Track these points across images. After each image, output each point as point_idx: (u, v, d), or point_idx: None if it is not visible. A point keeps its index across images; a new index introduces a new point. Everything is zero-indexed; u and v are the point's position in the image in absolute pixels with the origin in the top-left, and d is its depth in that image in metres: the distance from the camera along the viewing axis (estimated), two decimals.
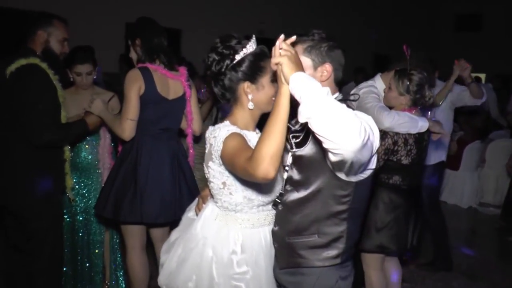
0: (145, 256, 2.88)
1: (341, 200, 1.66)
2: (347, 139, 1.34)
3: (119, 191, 2.63)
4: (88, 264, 3.21)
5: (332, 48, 1.70)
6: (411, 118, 2.62)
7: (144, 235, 2.87)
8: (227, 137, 1.66)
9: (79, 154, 3.12)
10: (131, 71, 2.65)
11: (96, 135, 3.15)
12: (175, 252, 1.91)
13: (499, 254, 4.61)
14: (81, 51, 3.10)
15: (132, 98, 2.58)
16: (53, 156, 2.66)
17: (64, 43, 2.68)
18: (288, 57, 1.43)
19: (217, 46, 1.77)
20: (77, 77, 3.05)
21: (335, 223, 1.68)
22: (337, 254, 1.70)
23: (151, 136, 2.70)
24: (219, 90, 1.81)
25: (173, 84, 2.77)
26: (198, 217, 1.94)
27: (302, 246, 1.72)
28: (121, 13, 7.35)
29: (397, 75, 2.74)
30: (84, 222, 3.18)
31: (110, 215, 2.68)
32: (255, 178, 1.46)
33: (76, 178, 3.13)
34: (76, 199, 3.14)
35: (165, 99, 2.71)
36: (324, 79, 1.68)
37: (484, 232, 5.28)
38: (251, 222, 1.84)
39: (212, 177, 1.80)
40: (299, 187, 1.72)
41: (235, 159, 1.57)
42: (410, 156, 2.64)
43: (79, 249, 3.18)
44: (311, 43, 1.69)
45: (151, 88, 2.63)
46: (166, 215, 2.68)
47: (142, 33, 2.71)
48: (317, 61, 1.69)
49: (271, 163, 1.41)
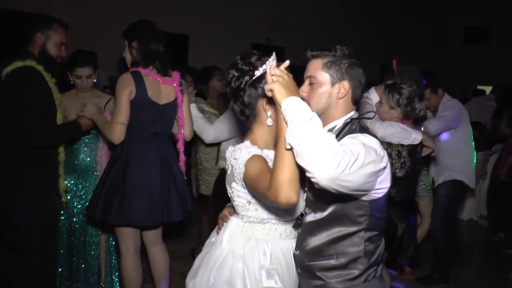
0: (139, 259, 2.89)
1: (357, 220, 1.65)
2: (318, 168, 1.34)
3: (109, 194, 2.66)
4: (84, 266, 3.23)
5: (353, 66, 1.67)
6: (404, 129, 2.65)
7: (137, 239, 2.88)
8: (248, 160, 1.65)
9: (77, 156, 3.16)
10: (123, 75, 2.68)
11: (94, 137, 3.19)
12: (202, 274, 1.85)
13: (496, 267, 4.58)
14: (82, 54, 3.14)
15: (123, 102, 2.62)
16: (46, 156, 2.69)
17: (62, 47, 2.71)
18: (280, 83, 1.45)
19: (237, 62, 1.76)
20: (77, 80, 3.10)
21: (352, 244, 1.66)
22: (358, 275, 1.66)
23: (141, 140, 2.72)
24: (238, 106, 1.80)
25: (165, 89, 2.78)
26: (221, 233, 1.90)
27: (321, 268, 1.70)
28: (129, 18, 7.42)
29: (387, 89, 2.79)
30: (81, 224, 3.21)
31: (99, 217, 2.71)
32: (278, 205, 1.48)
33: (74, 180, 3.17)
34: (74, 201, 3.17)
35: (156, 103, 2.73)
36: (340, 96, 1.68)
37: (482, 244, 5.26)
38: (278, 232, 1.82)
39: (237, 196, 1.79)
40: (316, 209, 1.72)
41: (257, 184, 1.57)
42: (404, 169, 2.65)
43: (75, 250, 3.21)
44: (331, 58, 1.67)
45: (142, 93, 2.66)
46: (153, 218, 2.71)
47: (141, 37, 2.72)
48: (335, 78, 1.67)
49: (290, 188, 1.43)
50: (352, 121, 1.69)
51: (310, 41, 4.10)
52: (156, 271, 2.98)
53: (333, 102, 1.68)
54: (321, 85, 1.68)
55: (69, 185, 3.14)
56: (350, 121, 1.69)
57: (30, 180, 2.60)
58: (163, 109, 2.77)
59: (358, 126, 1.68)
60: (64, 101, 3.02)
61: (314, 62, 1.71)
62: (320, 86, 1.68)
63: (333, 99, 1.68)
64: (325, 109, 1.69)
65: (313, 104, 1.67)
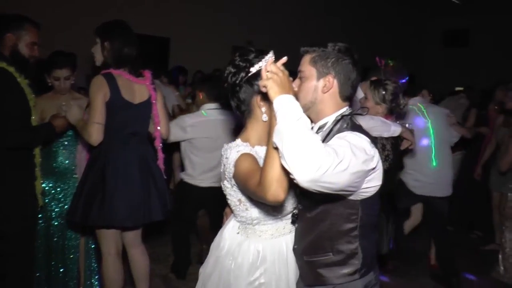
0: (120, 262, 2.87)
1: (349, 218, 1.66)
2: (298, 170, 1.35)
3: (89, 196, 2.64)
4: (63, 270, 3.20)
5: (341, 61, 1.67)
6: (383, 122, 2.70)
7: (119, 241, 2.87)
8: (237, 160, 1.67)
9: (55, 159, 3.13)
10: (95, 78, 2.65)
11: (73, 140, 3.17)
12: (206, 265, 1.95)
13: (474, 263, 4.68)
14: (60, 55, 3.12)
15: (98, 103, 2.60)
16: (22, 158, 2.67)
17: (34, 47, 2.69)
18: (274, 80, 1.46)
19: (234, 59, 1.78)
20: (55, 81, 3.07)
21: (347, 241, 1.68)
22: (355, 271, 1.68)
23: (119, 141, 2.71)
24: (234, 102, 1.81)
25: (138, 88, 2.78)
26: (221, 232, 1.97)
27: (319, 265, 1.71)
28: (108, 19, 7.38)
29: (372, 86, 2.84)
30: (59, 227, 3.17)
31: (79, 220, 2.69)
32: (266, 202, 1.50)
33: (52, 183, 3.14)
34: (52, 204, 3.14)
35: (130, 103, 2.72)
36: (325, 91, 1.68)
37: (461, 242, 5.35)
38: (270, 233, 1.86)
39: (229, 194, 1.83)
40: (309, 207, 1.73)
41: (246, 183, 1.59)
42: (388, 161, 2.71)
43: (54, 254, 3.17)
44: (319, 53, 1.69)
45: (116, 94, 2.65)
46: (134, 219, 2.71)
47: (114, 39, 2.69)
48: (321, 72, 1.68)
49: (279, 186, 1.44)
50: (344, 118, 1.69)
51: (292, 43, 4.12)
52: (136, 273, 2.97)
53: (319, 96, 1.70)
54: (308, 79, 1.71)
55: (47, 188, 3.11)
56: (341, 118, 1.69)
57: (7, 181, 2.57)
58: (138, 108, 2.77)
59: (349, 123, 1.69)
60: (42, 104, 3.00)
61: (304, 57, 1.73)
62: (307, 80, 1.71)
63: (318, 93, 1.69)
64: (311, 103, 1.71)
65: (300, 98, 1.70)
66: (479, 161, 5.22)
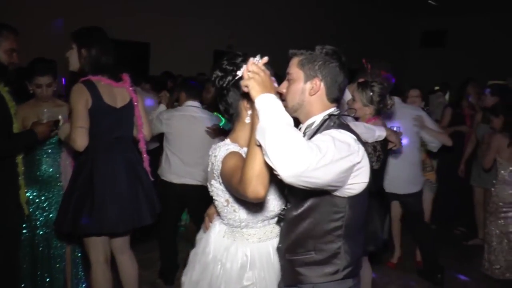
0: (109, 270, 2.84)
1: (334, 216, 1.66)
2: (282, 165, 1.37)
3: (77, 204, 2.61)
4: (49, 279, 3.16)
5: (328, 64, 1.70)
6: (367, 129, 2.73)
7: (107, 248, 2.84)
8: (225, 157, 1.69)
9: (39, 167, 3.09)
10: (76, 86, 2.61)
11: (57, 147, 3.13)
12: (190, 274, 1.93)
13: (459, 259, 4.75)
14: (42, 62, 3.08)
15: (79, 109, 2.56)
16: (5, 168, 2.63)
17: (13, 54, 2.66)
18: (255, 80, 1.48)
19: (222, 62, 1.80)
20: (37, 89, 3.03)
21: (330, 240, 1.67)
22: (336, 270, 1.68)
23: (105, 147, 2.69)
24: (222, 106, 1.83)
25: (119, 92, 2.77)
26: (206, 236, 1.95)
27: (300, 263, 1.71)
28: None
29: (360, 87, 2.88)
30: (44, 236, 3.13)
31: (70, 229, 2.65)
32: (247, 199, 1.51)
33: (36, 192, 3.10)
34: (37, 213, 3.10)
35: (113, 108, 2.71)
36: (312, 93, 1.71)
37: (445, 238, 5.43)
38: (257, 236, 1.86)
39: (216, 195, 1.83)
40: (296, 204, 1.73)
41: (231, 179, 1.60)
42: (379, 161, 2.77)
43: (39, 264, 3.13)
44: (307, 56, 1.71)
45: (98, 100, 2.62)
46: (125, 224, 2.69)
47: (92, 47, 2.66)
48: (308, 75, 1.71)
49: (258, 183, 1.46)
50: (331, 117, 1.71)
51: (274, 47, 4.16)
52: (125, 280, 2.94)
53: (306, 98, 1.72)
54: (295, 82, 1.73)
55: (31, 197, 3.07)
56: (329, 118, 1.71)
57: None
58: (121, 112, 2.76)
59: (337, 122, 1.70)
60: (24, 111, 2.97)
61: (292, 60, 1.76)
62: (295, 82, 1.74)
63: (305, 95, 1.72)
64: (299, 105, 1.74)
65: (288, 100, 1.74)
66: (462, 158, 5.32)
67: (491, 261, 4.24)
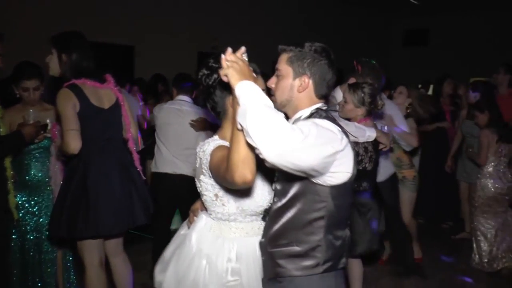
0: (104, 273, 2.82)
1: (317, 206, 1.67)
2: (264, 144, 1.39)
3: (72, 209, 2.59)
4: (40, 284, 3.13)
5: (316, 62, 1.71)
6: (358, 128, 2.77)
7: (102, 251, 2.82)
8: (214, 150, 1.72)
9: (28, 172, 3.06)
10: (61, 91, 2.59)
11: (45, 152, 3.10)
12: (173, 270, 1.90)
13: (447, 253, 4.82)
14: (28, 66, 3.04)
15: (68, 112, 2.54)
16: None
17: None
18: (234, 68, 1.51)
19: (209, 61, 1.82)
20: (23, 92, 3.00)
21: (311, 232, 1.68)
22: (316, 264, 1.68)
23: (96, 150, 2.68)
24: (210, 104, 1.85)
25: (105, 93, 2.77)
26: (191, 230, 1.95)
27: (281, 255, 1.72)
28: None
29: (351, 89, 2.91)
30: (35, 241, 3.10)
31: (65, 234, 2.63)
32: (235, 185, 1.52)
33: (26, 196, 3.07)
34: (26, 218, 3.07)
35: (101, 109, 2.71)
36: (301, 90, 1.73)
37: (433, 233, 5.51)
38: (245, 230, 1.87)
39: (205, 189, 1.84)
40: (280, 196, 1.74)
41: (219, 169, 1.62)
42: (372, 162, 2.82)
43: (30, 269, 3.10)
44: (296, 53, 1.72)
45: (85, 103, 2.61)
46: (121, 225, 2.69)
47: (72, 53, 2.65)
48: (297, 72, 1.73)
49: (245, 167, 1.48)
50: (318, 111, 1.74)
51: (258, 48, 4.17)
52: (119, 282, 2.93)
53: (294, 94, 1.75)
54: (284, 78, 1.75)
55: (20, 202, 3.04)
56: (316, 111, 1.74)
57: None
58: (109, 113, 2.76)
59: (323, 115, 1.72)
60: (11, 116, 2.94)
61: (281, 55, 1.78)
62: (284, 78, 1.76)
63: (294, 91, 1.74)
64: (287, 101, 1.76)
65: (277, 95, 1.77)
66: (449, 154, 5.40)
67: (480, 255, 4.32)
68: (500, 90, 5.21)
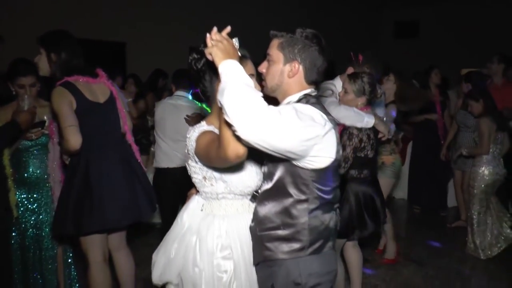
0: (108, 269, 2.82)
1: (300, 189, 1.69)
2: (240, 121, 1.41)
3: (77, 205, 2.58)
4: (42, 281, 3.12)
5: (307, 48, 1.73)
6: (357, 113, 2.81)
7: (105, 246, 2.82)
8: (198, 136, 1.75)
9: (26, 169, 3.04)
10: (56, 90, 2.58)
11: (43, 149, 3.08)
12: (164, 249, 1.95)
13: (443, 241, 4.87)
14: (23, 63, 3.01)
15: (65, 109, 2.53)
16: None
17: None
18: (218, 47, 1.54)
19: (199, 46, 1.82)
20: (19, 89, 2.97)
21: (296, 215, 1.70)
22: (301, 247, 1.71)
23: (97, 145, 2.67)
24: (200, 88, 1.87)
25: (99, 88, 2.76)
26: (182, 210, 1.99)
27: (268, 239, 1.74)
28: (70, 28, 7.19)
29: (351, 79, 2.94)
30: (35, 238, 3.09)
31: (72, 231, 2.62)
32: (229, 160, 1.55)
33: (25, 194, 3.05)
34: (26, 215, 3.06)
35: (98, 103, 2.70)
36: (291, 76, 1.75)
37: (429, 222, 5.56)
38: (235, 207, 1.89)
39: (193, 172, 1.88)
40: (267, 179, 1.78)
41: (209, 153, 1.65)
42: (373, 149, 2.86)
43: (31, 266, 3.09)
44: (286, 39, 1.74)
45: (81, 99, 2.60)
46: (128, 217, 2.70)
47: (61, 52, 2.65)
48: (287, 57, 1.75)
49: (236, 141, 1.49)
50: (306, 97, 1.76)
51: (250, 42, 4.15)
52: (122, 276, 2.94)
53: (284, 79, 1.77)
54: (275, 63, 1.78)
55: (19, 199, 3.02)
56: (304, 97, 1.76)
57: None
58: (106, 107, 2.76)
59: (311, 100, 1.74)
60: (7, 113, 2.90)
61: (273, 41, 1.80)
62: (274, 64, 1.78)
63: (284, 77, 1.77)
64: (277, 86, 1.79)
65: (268, 80, 1.80)
66: (444, 143, 5.45)
67: (476, 243, 4.37)
68: (494, 79, 5.24)
